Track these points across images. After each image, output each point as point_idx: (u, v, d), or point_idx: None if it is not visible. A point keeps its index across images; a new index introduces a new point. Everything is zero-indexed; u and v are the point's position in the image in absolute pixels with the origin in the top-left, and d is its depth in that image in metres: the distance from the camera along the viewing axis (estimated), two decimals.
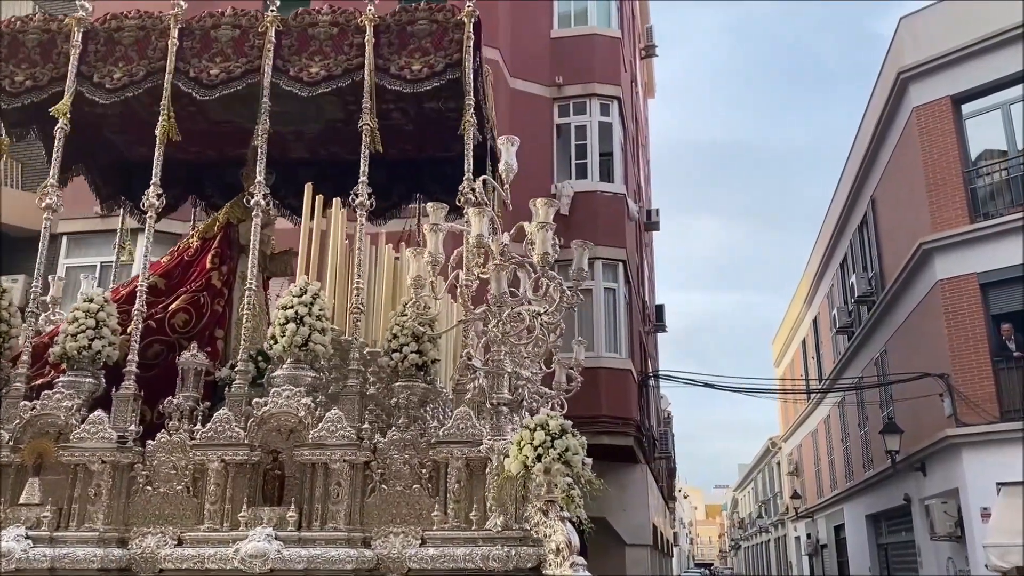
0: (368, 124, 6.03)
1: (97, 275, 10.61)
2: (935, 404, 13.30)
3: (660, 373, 16.77)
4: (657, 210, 22.06)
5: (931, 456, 13.83)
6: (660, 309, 20.39)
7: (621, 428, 12.15)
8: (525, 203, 11.24)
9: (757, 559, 49.83)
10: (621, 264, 13.30)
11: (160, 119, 6.01)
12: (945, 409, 12.90)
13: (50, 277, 8.36)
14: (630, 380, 12.88)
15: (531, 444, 4.58)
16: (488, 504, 4.90)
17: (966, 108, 13.91)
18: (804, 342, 28.37)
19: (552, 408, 6.14)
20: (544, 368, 7.09)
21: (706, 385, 13.58)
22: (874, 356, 17.89)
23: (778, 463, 37.69)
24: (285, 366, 5.36)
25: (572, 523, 7.31)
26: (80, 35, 6.29)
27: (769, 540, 43.76)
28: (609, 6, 14.93)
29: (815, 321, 26.18)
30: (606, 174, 13.84)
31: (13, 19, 6.57)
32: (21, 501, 5.06)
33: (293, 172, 7.80)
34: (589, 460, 4.84)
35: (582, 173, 13.60)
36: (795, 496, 30.53)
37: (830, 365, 23.12)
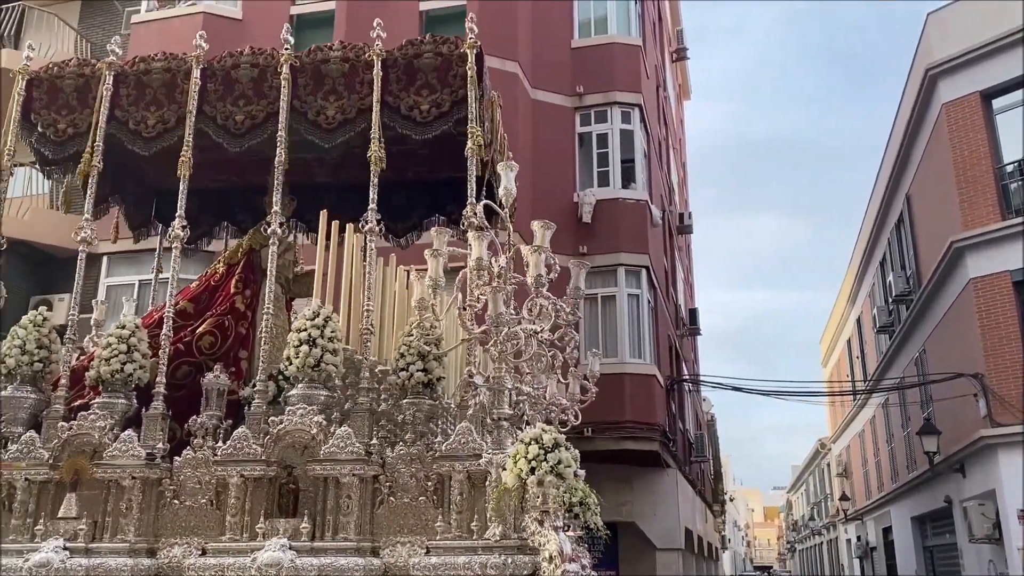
0: (376, 153, 6.31)
1: (136, 293, 11.10)
2: (972, 404, 13.16)
3: (689, 377, 16.77)
4: (690, 213, 22.09)
5: (969, 457, 13.68)
6: (693, 313, 20.40)
7: (646, 433, 12.28)
8: (547, 213, 11.59)
9: (812, 562, 49.14)
10: (644, 270, 13.42)
11: (181, 157, 6.36)
12: (980, 409, 12.76)
13: (93, 301, 8.86)
14: (655, 385, 13.00)
15: (526, 458, 4.83)
16: (488, 515, 5.14)
17: (996, 103, 13.74)
18: (849, 342, 28.04)
19: (550, 422, 6.36)
20: (561, 379, 7.34)
21: (735, 389, 13.63)
22: (914, 356, 17.69)
23: (828, 465, 37.22)
24: (300, 386, 5.68)
25: (589, 529, 7.59)
26: (111, 78, 6.71)
27: (822, 542, 43.17)
28: (629, 13, 15.06)
29: (858, 320, 25.89)
30: (628, 181, 13.99)
31: (51, 65, 7.01)
32: (60, 515, 5.46)
33: (317, 195, 8.14)
34: (582, 472, 5.05)
35: (604, 181, 13.77)
36: (844, 498, 30.15)
37: (874, 365, 22.86)
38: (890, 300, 19.41)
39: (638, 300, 13.23)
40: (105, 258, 12.68)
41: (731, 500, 46.88)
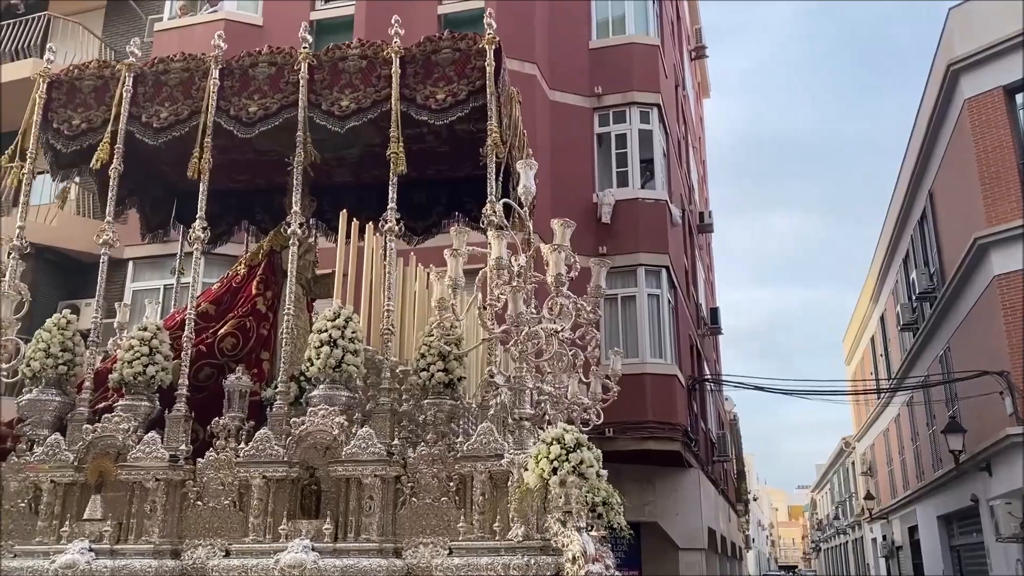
0: (395, 152, 6.31)
1: (161, 297, 11.19)
2: (997, 402, 12.98)
3: (710, 377, 16.68)
4: (710, 212, 21.98)
5: (995, 455, 13.49)
6: (715, 312, 20.28)
7: (667, 433, 12.23)
8: (567, 213, 11.51)
9: (837, 561, 48.72)
10: (664, 270, 13.36)
11: (193, 156, 6.38)
12: (1006, 407, 12.58)
13: (117, 304, 8.93)
14: (676, 385, 12.94)
15: (547, 458, 4.80)
16: (511, 515, 5.12)
17: (1020, 98, 13.55)
18: (872, 339, 27.77)
19: (572, 421, 6.33)
20: (583, 379, 7.31)
21: (757, 388, 13.52)
22: (938, 353, 17.48)
23: (852, 463, 36.89)
24: (321, 387, 5.68)
25: (613, 529, 7.55)
26: (131, 79, 6.75)
27: (847, 542, 42.79)
28: (647, 12, 14.99)
29: (882, 318, 25.63)
30: (647, 181, 13.93)
31: (71, 67, 7.08)
32: (85, 517, 5.49)
33: (337, 195, 8.16)
34: (605, 472, 5.02)
35: (623, 181, 13.72)
36: (869, 497, 29.86)
37: (898, 362, 22.61)
38: (914, 297, 19.19)
39: (658, 300, 13.17)
40: (131, 263, 12.82)
41: (755, 499, 46.60)
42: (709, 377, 16.47)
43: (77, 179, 7.50)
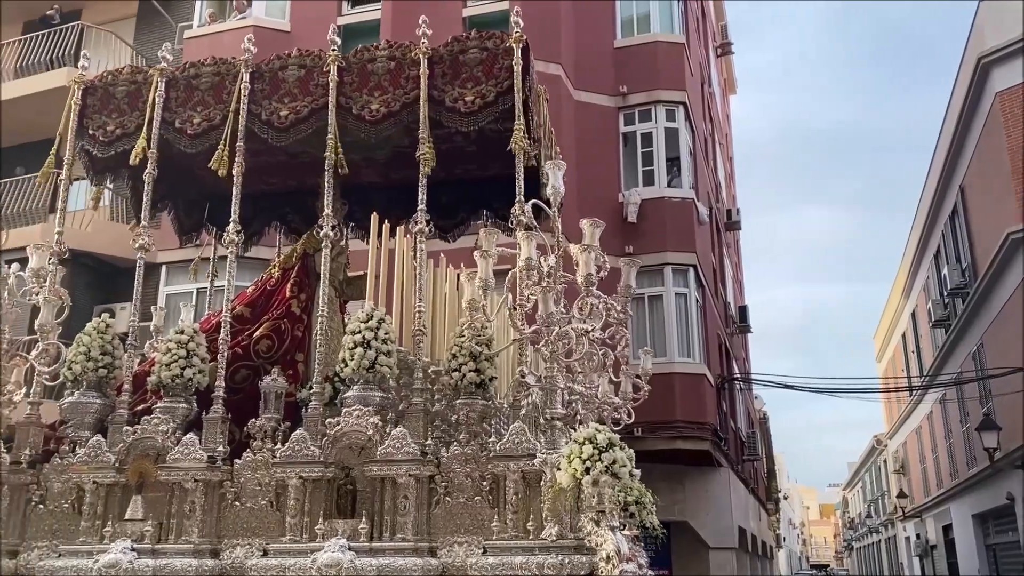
0: (426, 152, 6.35)
1: (194, 300, 11.34)
2: None
3: (740, 376, 16.59)
4: (738, 209, 21.84)
5: None
6: (743, 310, 20.15)
7: (697, 433, 12.20)
8: (592, 212, 11.48)
9: (870, 560, 48.15)
10: (692, 269, 13.32)
11: (217, 153, 6.45)
12: None
13: (152, 308, 9.08)
14: (705, 384, 12.90)
15: (580, 457, 4.84)
16: (544, 515, 5.15)
17: None
18: (904, 336, 27.44)
19: (603, 421, 6.36)
20: (614, 378, 7.32)
21: (786, 386, 13.43)
22: (971, 350, 17.25)
23: (884, 461, 36.47)
24: (355, 387, 5.75)
25: (645, 528, 7.56)
26: (163, 83, 6.85)
27: (879, 540, 42.30)
28: (672, 10, 14.94)
29: (913, 314, 25.32)
30: (673, 180, 13.89)
31: (105, 73, 7.21)
32: (126, 517, 5.61)
33: (366, 196, 8.22)
34: (638, 472, 5.04)
35: (649, 180, 13.69)
36: (902, 495, 29.53)
37: (930, 359, 22.34)
38: (945, 293, 18.95)
39: (686, 299, 13.13)
40: (164, 267, 13.01)
41: (785, 498, 46.18)
42: (738, 376, 16.36)
43: (111, 184, 7.61)
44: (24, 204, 14.60)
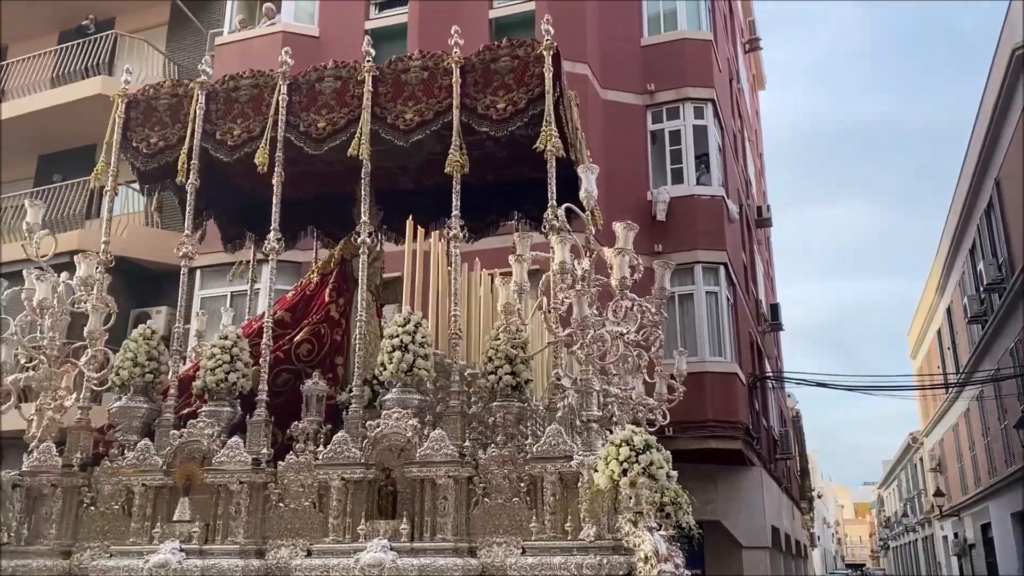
0: (458, 161, 6.46)
1: (228, 303, 11.53)
2: None
3: (772, 374, 16.50)
4: (768, 206, 21.72)
5: None
6: (775, 308, 20.03)
7: (729, 432, 12.17)
8: (621, 211, 11.54)
9: (906, 559, 47.54)
10: (722, 267, 13.27)
11: (259, 151, 6.64)
12: None
13: (194, 313, 9.28)
14: (737, 383, 12.86)
15: (617, 459, 4.91)
16: (582, 515, 5.23)
17: None
18: (939, 332, 27.08)
19: (639, 423, 6.41)
20: (648, 379, 7.37)
21: (819, 384, 13.37)
22: (1009, 346, 17.01)
23: (920, 459, 36.02)
24: (394, 390, 5.87)
25: (681, 528, 7.59)
26: (203, 96, 7.02)
27: (916, 540, 41.76)
28: (699, 7, 14.89)
29: (948, 310, 24.98)
30: (703, 177, 13.85)
31: (147, 87, 7.39)
32: (174, 518, 5.78)
33: (399, 200, 8.34)
34: (675, 473, 5.09)
35: (678, 178, 13.65)
36: (939, 494, 29.13)
37: (966, 356, 22.03)
38: (981, 289, 18.70)
39: (716, 298, 13.08)
40: (199, 271, 13.25)
41: (819, 497, 45.75)
42: (770, 374, 16.27)
43: (164, 192, 7.79)
44: (61, 211, 14.95)
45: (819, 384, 13.49)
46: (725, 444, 12.11)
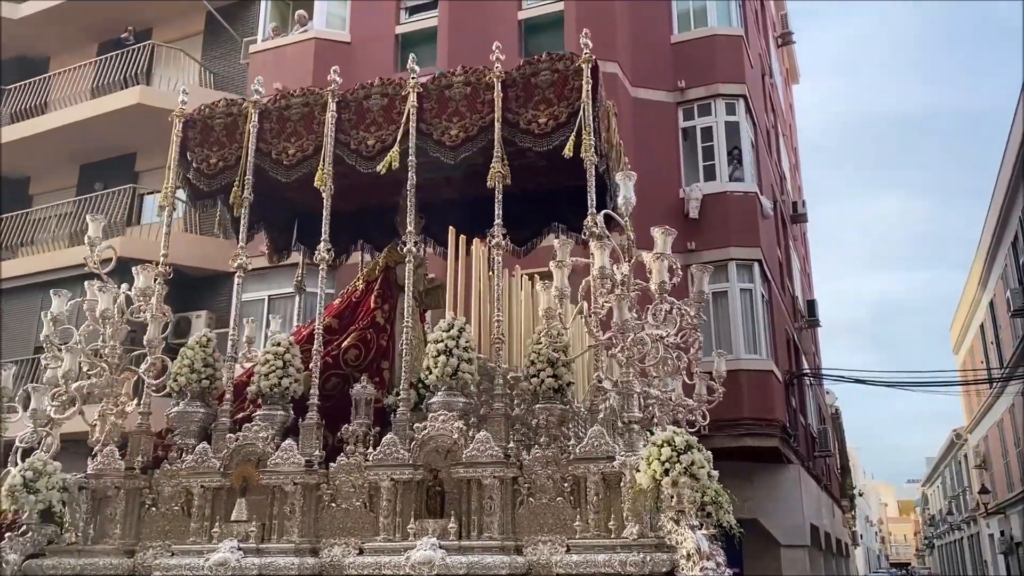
0: (500, 172, 6.62)
1: (266, 307, 11.77)
2: None
3: (809, 371, 16.43)
4: (803, 201, 21.58)
5: None
6: (812, 304, 19.92)
7: (765, 430, 12.17)
8: (653, 210, 11.55)
9: (952, 558, 46.82)
10: (756, 263, 13.26)
11: (318, 173, 6.86)
12: None
13: (245, 320, 9.55)
14: (772, 380, 12.85)
15: (659, 459, 5.06)
16: (624, 514, 5.38)
17: None
18: (982, 326, 26.70)
19: (679, 424, 6.54)
20: (687, 380, 7.50)
21: (857, 381, 13.32)
22: None
23: (965, 456, 35.49)
24: (439, 393, 6.06)
25: (722, 527, 7.72)
26: (256, 115, 7.24)
27: (962, 538, 41.13)
28: (729, 4, 14.88)
29: (991, 304, 24.63)
30: (735, 171, 13.83)
31: (202, 107, 7.61)
32: (232, 518, 6.04)
33: (443, 210, 8.50)
34: (716, 472, 5.22)
35: (711, 175, 13.65)
36: (984, 491, 28.72)
37: (1010, 350, 21.71)
38: None
39: (751, 295, 13.07)
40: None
41: (860, 495, 45.21)
42: (807, 371, 16.18)
43: (215, 207, 8.04)
44: (105, 219, 15.42)
45: (857, 380, 13.43)
46: (761, 442, 12.12)
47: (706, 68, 14.08)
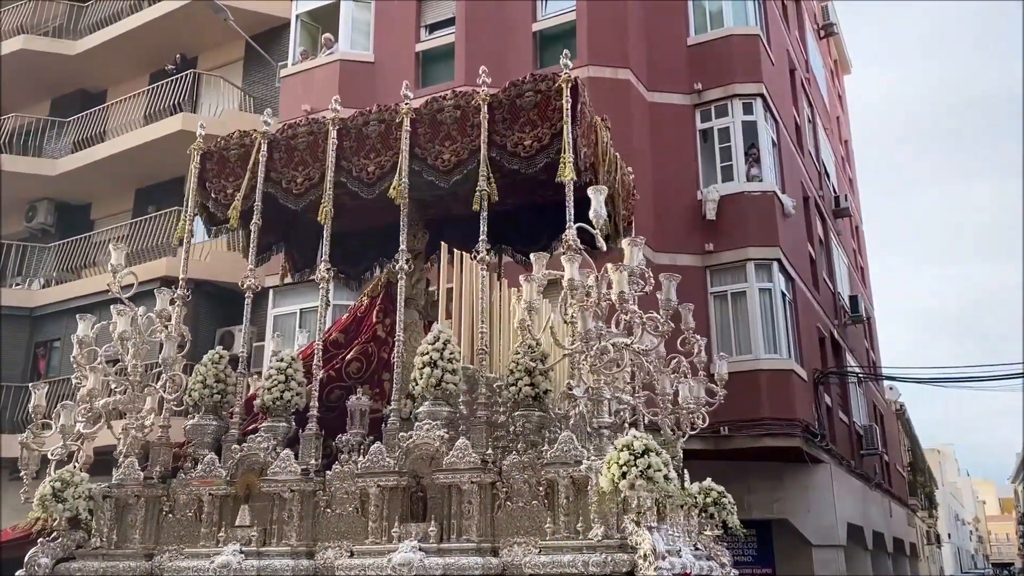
0: (485, 190, 6.89)
1: (298, 320, 12.34)
2: None
3: (835, 370, 16.19)
4: (846, 196, 21.26)
5: None
6: (854, 300, 19.59)
7: (785, 429, 12.12)
8: (670, 213, 11.65)
9: None
10: (775, 263, 13.22)
11: (320, 209, 7.24)
12: None
13: (274, 334, 10.09)
14: (794, 380, 12.77)
15: (617, 463, 5.30)
16: (592, 516, 5.62)
17: None
18: None
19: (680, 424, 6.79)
20: (692, 383, 7.68)
21: (889, 378, 13.13)
22: None
23: None
24: (426, 404, 6.40)
25: (726, 528, 7.90)
26: (266, 146, 7.64)
27: None
28: (746, 4, 14.82)
29: None
30: (752, 169, 13.80)
31: (218, 140, 7.93)
32: (236, 524, 6.49)
33: (455, 225, 8.71)
34: (674, 476, 5.42)
35: (729, 176, 13.67)
36: None
37: None
38: None
39: (770, 294, 13.05)
40: (271, 291, 14.19)
41: (948, 493, 43.66)
42: (834, 370, 15.94)
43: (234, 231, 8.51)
44: (157, 239, 16.34)
45: (889, 377, 13.21)
46: (782, 442, 12.08)
47: (723, 69, 14.11)
